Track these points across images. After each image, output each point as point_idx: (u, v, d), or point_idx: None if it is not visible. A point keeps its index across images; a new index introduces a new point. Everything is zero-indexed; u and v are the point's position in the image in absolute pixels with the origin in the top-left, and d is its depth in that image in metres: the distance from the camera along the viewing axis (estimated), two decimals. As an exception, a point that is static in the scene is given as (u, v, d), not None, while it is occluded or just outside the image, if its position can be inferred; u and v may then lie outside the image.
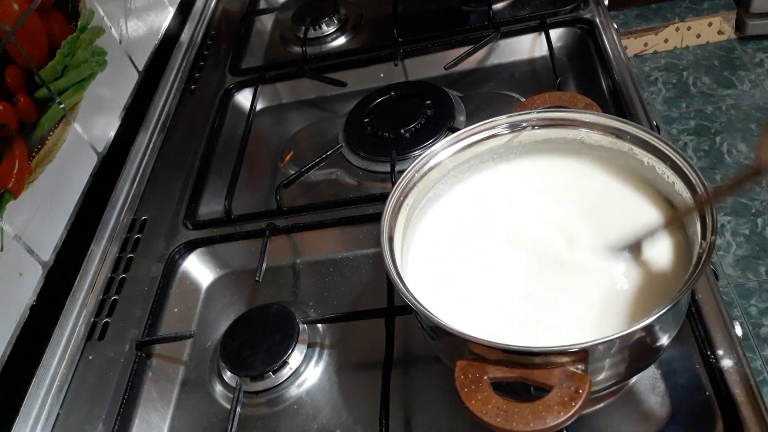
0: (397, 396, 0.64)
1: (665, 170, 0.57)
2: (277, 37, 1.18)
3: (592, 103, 0.65)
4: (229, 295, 0.80)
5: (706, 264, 0.47)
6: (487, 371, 0.47)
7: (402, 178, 0.61)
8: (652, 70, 2.33)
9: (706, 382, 0.57)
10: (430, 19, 1.09)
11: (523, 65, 0.98)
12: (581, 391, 0.44)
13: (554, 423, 0.43)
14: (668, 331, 0.52)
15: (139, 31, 1.03)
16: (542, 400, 0.44)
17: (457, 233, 0.63)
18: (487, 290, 0.58)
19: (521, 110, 0.64)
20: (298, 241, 0.83)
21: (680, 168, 0.55)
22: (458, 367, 0.47)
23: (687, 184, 0.54)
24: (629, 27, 2.38)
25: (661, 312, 0.45)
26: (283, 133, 1.01)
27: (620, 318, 0.53)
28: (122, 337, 0.76)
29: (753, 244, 1.77)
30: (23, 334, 0.71)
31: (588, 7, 0.98)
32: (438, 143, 0.64)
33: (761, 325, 1.61)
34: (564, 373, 0.45)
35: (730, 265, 1.74)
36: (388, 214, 0.58)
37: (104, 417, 0.69)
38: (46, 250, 0.77)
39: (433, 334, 0.56)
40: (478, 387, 0.46)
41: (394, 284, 0.53)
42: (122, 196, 0.90)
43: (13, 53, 0.76)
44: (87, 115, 0.87)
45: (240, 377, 0.67)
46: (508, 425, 0.44)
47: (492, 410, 0.45)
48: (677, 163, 0.55)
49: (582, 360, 0.45)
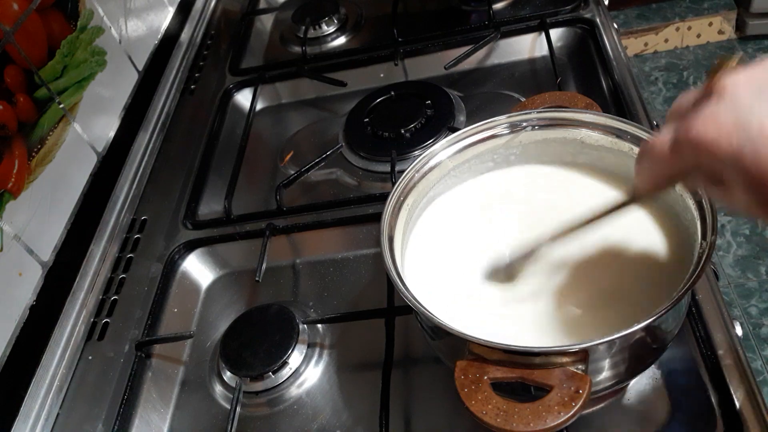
0: (397, 396, 0.64)
1: None
2: (277, 36, 1.18)
3: (593, 102, 0.65)
4: (229, 295, 0.80)
5: (706, 264, 0.47)
6: (487, 371, 0.47)
7: (402, 178, 0.61)
8: (652, 69, 2.33)
9: (706, 382, 0.57)
10: (430, 19, 1.09)
11: (523, 65, 0.98)
12: (581, 391, 0.44)
13: (554, 423, 0.43)
14: (668, 331, 0.52)
15: (139, 30, 1.03)
16: (542, 400, 0.44)
17: (457, 233, 0.63)
18: (487, 291, 0.58)
19: (521, 110, 0.64)
20: (298, 241, 0.83)
21: None
22: (458, 368, 0.47)
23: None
24: (629, 27, 2.38)
25: (661, 312, 0.45)
26: (283, 133, 1.01)
27: (620, 318, 0.53)
28: (122, 337, 0.76)
29: (753, 244, 1.76)
30: (23, 334, 0.71)
31: (588, 7, 0.98)
32: (438, 143, 0.63)
33: (761, 325, 1.61)
34: (564, 374, 0.45)
35: (731, 265, 1.74)
36: (388, 214, 0.58)
37: (104, 417, 0.69)
38: (45, 250, 0.77)
39: (433, 334, 0.56)
40: (478, 387, 0.46)
41: (394, 284, 0.53)
42: (122, 196, 0.90)
43: (13, 53, 0.76)
44: (87, 115, 0.87)
45: (240, 377, 0.67)
46: (507, 425, 0.44)
47: (492, 410, 0.45)
48: None
49: (582, 360, 0.45)
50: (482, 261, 0.61)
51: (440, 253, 0.62)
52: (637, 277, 0.56)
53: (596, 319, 0.54)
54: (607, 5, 1.00)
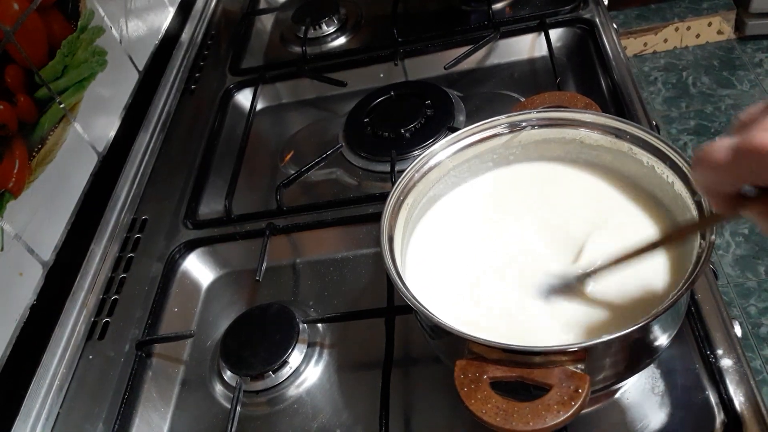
0: (397, 396, 0.64)
1: (665, 170, 0.57)
2: (277, 37, 1.18)
3: (592, 102, 0.65)
4: (229, 295, 0.80)
5: (705, 264, 0.47)
6: (487, 371, 0.47)
7: (402, 177, 0.61)
8: (651, 70, 2.33)
9: (706, 382, 0.57)
10: (430, 19, 1.09)
11: (523, 65, 0.98)
12: (581, 390, 0.44)
13: (554, 422, 0.43)
14: (667, 331, 0.52)
15: (140, 30, 1.03)
16: (542, 399, 0.44)
17: (456, 233, 0.64)
18: (487, 291, 0.58)
19: (521, 110, 0.64)
20: (298, 240, 0.83)
21: (679, 167, 0.55)
22: (458, 367, 0.47)
23: (686, 183, 0.54)
24: (629, 27, 2.38)
25: (659, 311, 0.45)
26: (283, 133, 1.01)
27: (617, 318, 0.53)
28: (122, 336, 0.76)
29: (752, 244, 1.77)
30: (23, 334, 0.71)
31: (588, 7, 0.98)
32: (438, 143, 0.64)
33: (760, 324, 1.61)
34: (563, 373, 0.45)
35: (730, 264, 1.74)
36: (388, 213, 0.58)
37: (104, 416, 0.69)
38: (46, 249, 0.77)
39: (433, 333, 0.56)
40: (478, 386, 0.46)
41: (394, 284, 0.53)
42: (122, 196, 0.90)
43: (14, 53, 0.76)
44: (87, 115, 0.87)
45: (240, 377, 0.67)
46: (507, 425, 0.44)
47: (491, 410, 0.45)
48: (676, 163, 0.55)
49: (581, 359, 0.45)
50: (481, 261, 0.61)
51: (440, 252, 0.62)
52: (636, 277, 0.56)
53: (596, 318, 0.54)
54: (607, 5, 1.01)
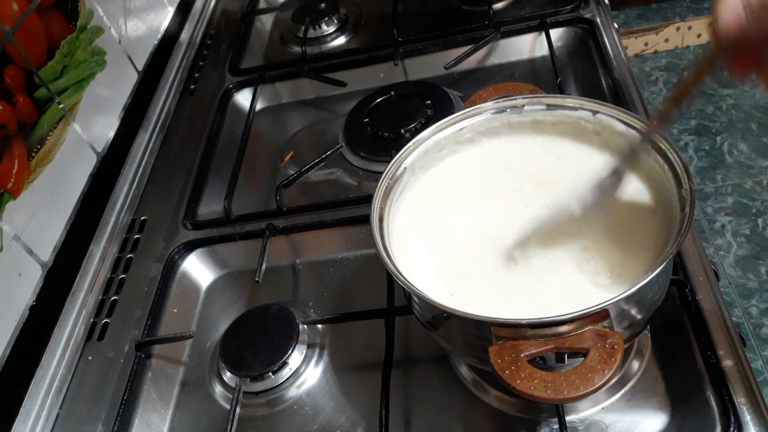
0: (397, 397, 0.64)
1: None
2: (276, 36, 1.18)
3: (536, 88, 0.69)
4: (228, 296, 0.80)
5: (692, 210, 0.50)
6: (522, 349, 0.47)
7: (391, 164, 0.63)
8: (652, 69, 2.33)
9: (706, 382, 0.57)
10: (430, 19, 1.09)
11: (524, 65, 0.98)
12: (617, 346, 0.45)
13: (602, 381, 0.44)
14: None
15: (139, 31, 1.03)
16: (584, 363, 0.45)
17: (444, 209, 0.64)
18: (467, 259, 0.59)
19: (469, 106, 0.66)
20: (297, 241, 0.83)
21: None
22: (492, 353, 0.47)
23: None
24: (630, 27, 2.38)
25: (672, 252, 0.47)
26: (283, 133, 1.01)
27: (605, 279, 0.54)
28: (122, 337, 0.76)
29: (753, 245, 1.76)
30: (23, 334, 0.71)
31: (588, 7, 0.98)
32: (426, 130, 0.65)
33: (762, 325, 1.61)
34: (596, 334, 0.46)
35: (731, 265, 1.73)
36: (378, 197, 0.60)
37: (104, 417, 0.69)
38: (45, 250, 0.77)
39: (435, 322, 0.56)
40: (518, 366, 0.46)
41: (394, 279, 0.53)
42: (122, 196, 0.90)
43: (13, 53, 0.76)
44: (86, 115, 0.87)
45: (240, 378, 0.67)
46: (560, 395, 0.44)
47: (540, 384, 0.45)
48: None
49: (605, 317, 0.46)
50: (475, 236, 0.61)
51: (422, 228, 0.63)
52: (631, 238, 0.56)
53: (581, 282, 0.54)
54: (608, 5, 1.00)
